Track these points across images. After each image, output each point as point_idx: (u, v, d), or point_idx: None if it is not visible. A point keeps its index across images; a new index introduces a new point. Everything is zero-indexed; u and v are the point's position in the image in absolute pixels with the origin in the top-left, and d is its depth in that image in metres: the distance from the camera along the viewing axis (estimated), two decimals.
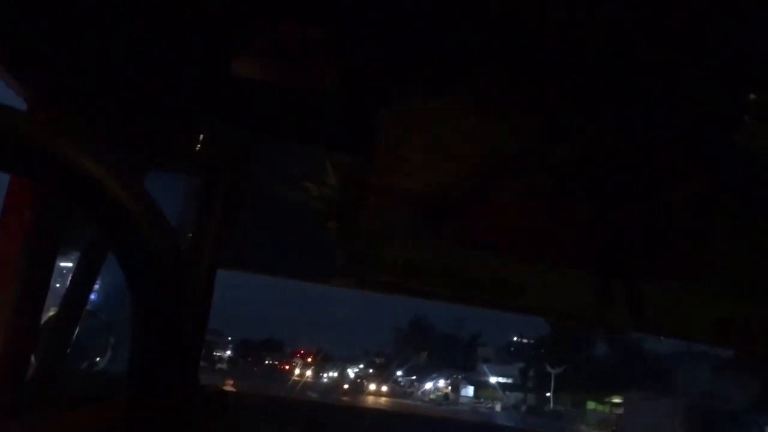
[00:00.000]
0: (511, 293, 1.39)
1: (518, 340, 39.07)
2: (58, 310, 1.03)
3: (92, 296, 1.11)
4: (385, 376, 37.84)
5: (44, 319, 0.93)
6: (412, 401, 32.00)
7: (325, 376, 39.58)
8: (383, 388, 35.14)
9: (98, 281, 1.13)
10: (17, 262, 0.88)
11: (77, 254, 1.09)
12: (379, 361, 42.01)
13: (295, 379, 34.71)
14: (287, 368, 40.91)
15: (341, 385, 34.63)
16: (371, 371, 41.08)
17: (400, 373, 39.33)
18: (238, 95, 1.13)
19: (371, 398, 30.27)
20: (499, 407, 31.08)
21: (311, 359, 41.68)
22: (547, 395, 30.16)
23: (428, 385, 36.85)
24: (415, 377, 38.85)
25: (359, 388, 34.09)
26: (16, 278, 0.87)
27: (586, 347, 29.95)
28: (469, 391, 34.81)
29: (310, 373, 38.55)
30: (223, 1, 0.99)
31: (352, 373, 41.85)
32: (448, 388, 35.79)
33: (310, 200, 1.40)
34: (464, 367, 36.83)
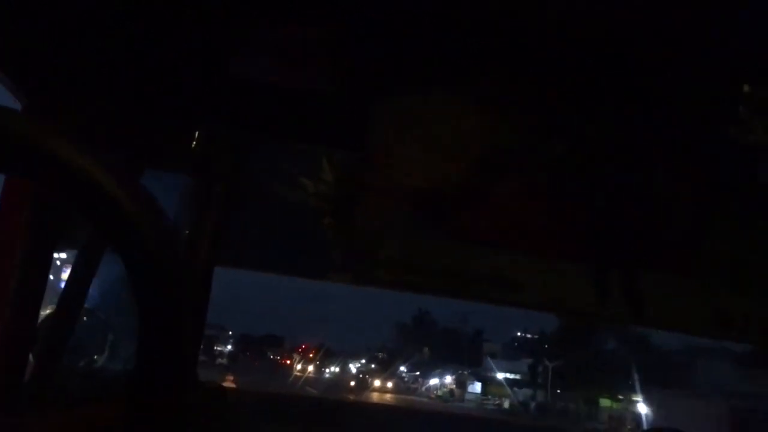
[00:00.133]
0: (509, 288, 1.42)
1: (523, 335, 39.14)
2: (55, 308, 1.05)
3: (90, 294, 1.14)
4: (388, 371, 38.04)
5: (42, 317, 0.96)
6: (417, 397, 32.17)
7: (327, 371, 39.91)
8: (387, 384, 35.33)
9: (96, 279, 1.15)
10: (14, 260, 0.91)
11: (75, 252, 1.12)
12: (381, 356, 42.25)
13: (296, 374, 35.01)
14: (288, 363, 41.27)
15: (347, 381, 34.82)
16: (373, 366, 41.33)
17: (403, 368, 39.55)
18: (234, 94, 1.14)
19: (373, 394, 30.50)
20: (507, 404, 31.13)
21: (313, 354, 42.03)
22: (557, 392, 30.20)
23: (433, 381, 37.05)
24: (419, 373, 39.07)
25: (361, 383, 34.30)
26: (12, 277, 0.90)
27: (595, 342, 29.95)
28: (476, 387, 34.84)
29: (312, 368, 38.87)
30: (219, 0, 1.00)
31: (354, 368, 42.18)
32: (453, 384, 35.92)
33: (307, 197, 1.43)
34: (470, 362, 36.96)
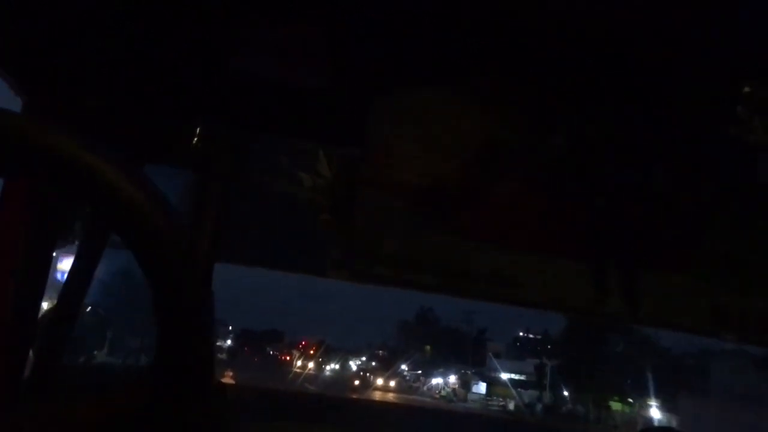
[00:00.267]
0: (508, 286, 1.46)
1: (527, 335, 39.11)
2: (56, 304, 1.09)
3: (89, 291, 1.17)
4: (389, 369, 38.19)
5: (42, 313, 0.99)
6: (419, 397, 32.30)
7: (327, 368, 40.14)
8: (390, 383, 35.46)
9: (95, 276, 1.19)
10: (14, 256, 0.94)
11: (75, 248, 1.15)
12: (382, 354, 42.45)
13: (296, 371, 35.26)
14: (288, 359, 41.57)
15: (349, 379, 34.98)
16: (374, 364, 41.54)
17: (404, 367, 39.68)
18: (234, 91, 1.17)
19: (375, 393, 30.64)
20: (512, 406, 31.15)
21: (313, 351, 42.28)
22: (564, 394, 30.20)
23: (435, 380, 37.17)
24: (420, 371, 39.22)
25: (365, 382, 34.47)
26: (13, 272, 0.93)
27: (604, 343, 29.87)
28: (480, 387, 34.92)
29: (312, 365, 39.12)
30: None
31: (354, 366, 42.41)
32: (456, 384, 35.98)
33: (306, 194, 1.46)
34: (473, 362, 37.02)
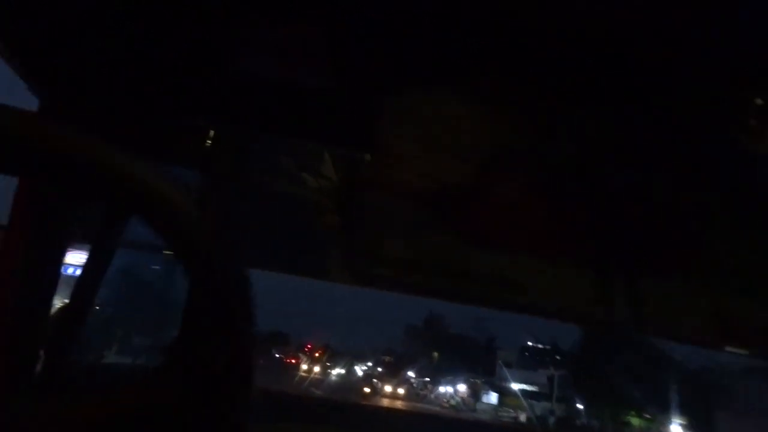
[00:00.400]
0: (510, 291, 1.48)
1: (537, 345, 38.58)
2: (67, 303, 1.13)
3: (100, 290, 1.21)
4: (395, 375, 38.02)
5: (53, 312, 1.03)
6: (427, 405, 32.12)
7: (333, 372, 40.13)
8: (399, 390, 35.29)
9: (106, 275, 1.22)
10: (26, 256, 0.98)
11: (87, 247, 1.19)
12: (387, 359, 42.30)
13: (302, 374, 35.30)
14: (294, 362, 41.67)
15: (358, 385, 34.90)
16: (380, 370, 41.42)
17: (411, 373, 39.49)
18: (238, 92, 1.19)
19: (380, 399, 30.54)
20: (524, 417, 30.80)
21: (319, 355, 42.35)
22: (578, 407, 29.80)
23: (442, 388, 36.92)
24: (428, 379, 39.00)
25: (372, 389, 34.38)
26: (25, 272, 0.97)
27: (621, 355, 29.39)
28: (491, 398, 34.57)
29: (318, 368, 39.16)
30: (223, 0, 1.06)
31: (360, 370, 42.32)
32: (466, 392, 35.67)
33: (310, 196, 1.49)
34: (483, 371, 36.73)
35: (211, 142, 1.31)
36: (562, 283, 1.34)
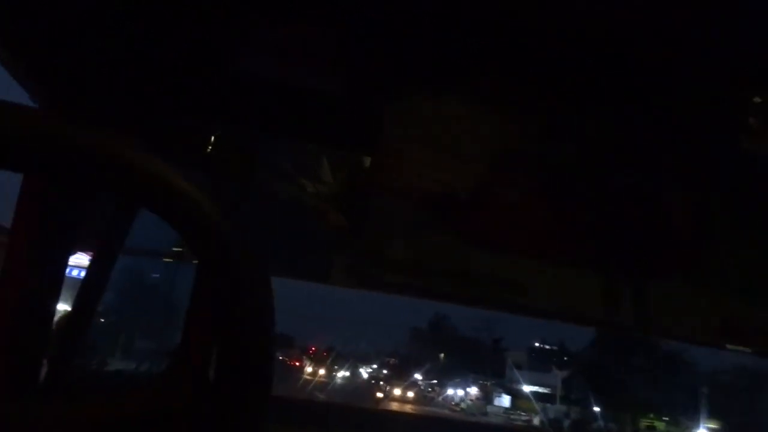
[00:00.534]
0: (514, 293, 1.50)
1: (546, 345, 38.38)
2: (71, 309, 1.16)
3: (104, 296, 1.24)
4: (401, 377, 37.97)
5: (57, 317, 1.06)
6: (435, 408, 32.02)
7: (338, 375, 40.22)
8: (408, 393, 35.20)
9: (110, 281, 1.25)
10: (30, 260, 1.01)
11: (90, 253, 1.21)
12: (392, 361, 42.33)
13: (306, 377, 35.39)
14: (298, 365, 41.81)
15: (367, 390, 34.82)
16: (385, 372, 41.42)
17: (418, 376, 39.46)
18: (243, 94, 1.21)
19: (389, 402, 30.55)
20: (537, 421, 30.54)
21: (323, 357, 42.50)
22: (594, 410, 29.59)
23: (450, 390, 36.82)
24: (436, 381, 38.96)
25: (370, 389, 34.36)
26: (29, 277, 1.00)
27: (635, 354, 29.13)
28: (503, 401, 34.34)
29: (323, 371, 39.26)
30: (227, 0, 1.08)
31: (365, 373, 42.40)
32: (477, 395, 35.50)
33: (313, 199, 1.52)
34: (492, 372, 36.59)
35: (213, 144, 1.33)
36: (564, 284, 1.36)
